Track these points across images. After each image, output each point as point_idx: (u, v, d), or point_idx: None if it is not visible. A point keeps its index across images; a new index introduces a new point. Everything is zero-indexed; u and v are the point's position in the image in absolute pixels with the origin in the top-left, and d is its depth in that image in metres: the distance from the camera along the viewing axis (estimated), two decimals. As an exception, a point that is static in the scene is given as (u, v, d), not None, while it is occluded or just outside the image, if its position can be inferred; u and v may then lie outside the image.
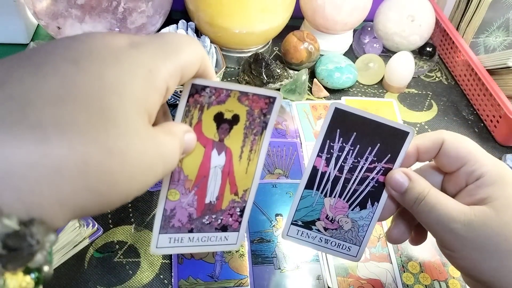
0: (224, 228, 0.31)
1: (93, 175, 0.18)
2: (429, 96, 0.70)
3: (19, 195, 0.16)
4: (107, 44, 0.20)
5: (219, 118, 0.27)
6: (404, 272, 0.46)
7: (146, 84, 0.20)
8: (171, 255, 0.45)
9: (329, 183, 0.33)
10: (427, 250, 0.48)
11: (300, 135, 0.60)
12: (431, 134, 0.33)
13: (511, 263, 0.29)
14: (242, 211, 0.31)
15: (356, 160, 0.32)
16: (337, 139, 0.31)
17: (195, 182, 0.28)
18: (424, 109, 0.68)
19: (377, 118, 0.31)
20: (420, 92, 0.70)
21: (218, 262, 0.45)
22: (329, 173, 0.32)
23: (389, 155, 0.32)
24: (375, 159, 0.32)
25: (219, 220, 0.31)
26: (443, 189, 0.34)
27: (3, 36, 0.65)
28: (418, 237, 0.37)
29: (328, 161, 0.32)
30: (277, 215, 0.49)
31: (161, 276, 0.44)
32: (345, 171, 0.32)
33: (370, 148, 0.32)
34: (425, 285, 0.45)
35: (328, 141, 0.31)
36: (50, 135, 0.17)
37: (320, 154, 0.32)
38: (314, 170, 0.32)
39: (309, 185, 0.33)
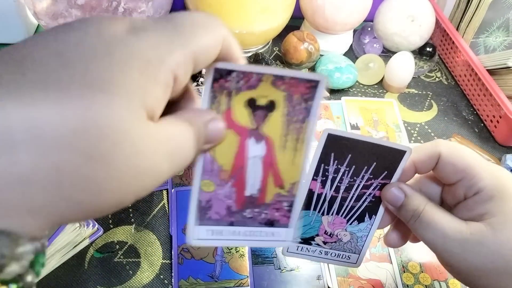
0: (270, 223, 0.28)
1: (68, 184, 0.16)
2: (429, 96, 0.70)
3: None
4: (101, 31, 0.18)
5: (252, 105, 0.25)
6: (404, 272, 0.46)
7: (142, 77, 0.18)
8: (171, 255, 0.45)
9: (326, 203, 0.33)
10: (427, 250, 0.48)
11: (300, 135, 0.60)
12: (427, 147, 0.31)
13: (507, 282, 0.28)
14: (290, 205, 0.28)
15: (352, 180, 0.32)
16: (331, 162, 0.30)
17: (231, 173, 0.26)
18: (424, 109, 0.67)
19: (371, 140, 0.30)
20: (420, 92, 0.70)
21: (218, 262, 0.45)
22: (325, 194, 0.32)
23: (386, 172, 0.31)
24: (372, 176, 0.31)
25: (263, 215, 0.28)
26: (442, 200, 0.34)
27: (3, 36, 0.65)
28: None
29: (323, 183, 0.32)
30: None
31: (161, 276, 0.44)
32: (341, 191, 0.32)
33: (366, 167, 0.31)
34: (425, 285, 0.45)
35: (322, 164, 0.31)
36: (17, 140, 0.15)
37: (315, 177, 0.31)
38: (310, 192, 0.32)
39: (306, 207, 0.33)
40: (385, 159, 0.31)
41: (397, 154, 0.31)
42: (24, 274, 0.16)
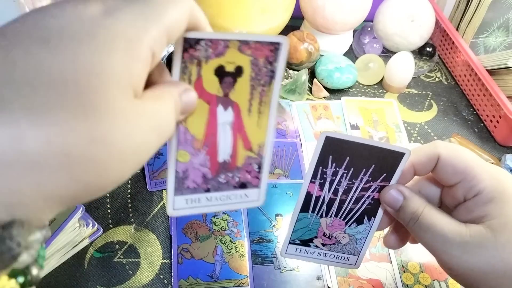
0: (243, 186, 0.29)
1: (76, 167, 0.17)
2: (429, 96, 0.70)
3: None
4: (79, 15, 0.18)
5: (220, 72, 0.25)
6: (404, 272, 0.46)
7: (127, 57, 0.18)
8: (171, 255, 0.45)
9: (324, 205, 0.32)
10: (427, 250, 0.48)
11: (300, 135, 0.60)
12: (426, 148, 0.31)
13: (508, 284, 0.28)
14: (260, 166, 0.29)
15: (350, 182, 0.31)
16: (329, 165, 0.30)
17: (204, 141, 0.27)
18: (424, 109, 0.68)
19: (370, 142, 0.30)
20: (420, 92, 0.70)
21: (218, 262, 0.45)
22: (324, 196, 0.32)
23: (385, 174, 0.31)
24: (370, 179, 0.31)
25: (237, 178, 0.29)
26: (442, 202, 0.33)
27: (3, 36, 0.65)
28: None
29: (322, 186, 0.31)
30: (277, 215, 0.49)
31: (161, 276, 0.44)
32: (339, 193, 0.32)
33: (365, 169, 0.31)
34: (425, 285, 0.45)
35: (320, 167, 0.31)
36: (24, 129, 0.16)
37: (313, 180, 0.31)
38: (308, 195, 0.32)
39: (304, 209, 0.33)
40: (384, 161, 0.31)
41: (396, 156, 0.30)
42: (30, 265, 0.17)
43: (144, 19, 0.19)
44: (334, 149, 0.30)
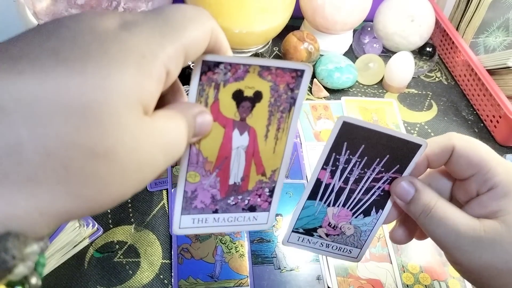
0: (252, 209, 0.29)
1: (75, 181, 0.16)
2: (429, 96, 0.70)
3: None
4: (94, 27, 0.18)
5: (238, 96, 0.25)
6: (404, 272, 0.46)
7: (138, 73, 0.18)
8: (171, 255, 0.45)
9: (333, 193, 0.32)
10: (427, 250, 0.48)
11: (300, 135, 0.60)
12: (440, 140, 0.30)
13: None
14: (271, 191, 0.29)
15: (362, 171, 0.30)
16: (343, 152, 0.29)
17: (216, 163, 0.27)
18: (424, 109, 0.68)
19: (387, 131, 0.29)
20: (420, 92, 0.70)
21: (218, 262, 0.45)
22: (334, 184, 0.31)
23: (398, 165, 0.30)
24: (383, 169, 0.30)
25: (246, 201, 0.29)
26: (453, 196, 0.33)
27: (3, 36, 0.65)
28: (423, 233, 0.35)
29: (333, 173, 0.30)
30: (277, 215, 0.49)
31: (161, 276, 0.44)
32: (350, 182, 0.31)
33: (378, 159, 0.30)
34: (425, 285, 0.45)
35: (334, 153, 0.29)
36: (23, 139, 0.15)
37: (325, 167, 0.30)
38: (318, 182, 0.31)
39: (312, 197, 0.32)
40: (399, 152, 0.30)
41: (412, 148, 0.29)
42: (29, 275, 0.16)
43: (161, 36, 0.19)
44: (349, 136, 0.29)
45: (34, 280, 0.17)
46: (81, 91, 0.16)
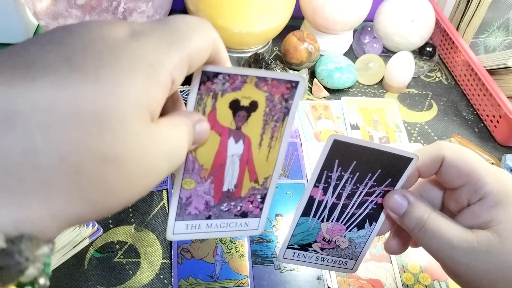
0: (244, 215, 0.30)
1: (86, 185, 0.17)
2: (429, 96, 0.70)
3: (6, 211, 0.16)
4: (104, 36, 0.18)
5: (235, 106, 0.26)
6: (404, 272, 0.46)
7: (147, 81, 0.18)
8: (171, 255, 0.45)
9: (326, 209, 0.32)
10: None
11: (300, 135, 0.60)
12: (430, 150, 0.30)
13: None
14: (263, 197, 0.30)
15: (355, 187, 0.31)
16: (335, 169, 0.30)
17: (211, 171, 0.27)
18: (424, 109, 0.68)
19: (378, 147, 0.29)
20: (420, 92, 0.70)
21: (218, 262, 0.45)
22: (327, 201, 0.31)
23: (390, 179, 0.31)
24: (375, 183, 0.31)
25: (239, 207, 0.30)
26: (444, 206, 0.33)
27: (3, 36, 0.65)
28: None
29: (325, 190, 0.31)
30: (277, 215, 0.50)
31: (161, 276, 0.44)
32: (343, 198, 0.31)
33: (370, 174, 0.30)
34: (425, 285, 0.45)
35: (325, 171, 0.30)
36: (38, 144, 0.16)
37: (317, 184, 0.30)
38: (311, 199, 0.31)
39: (306, 213, 0.32)
40: (390, 166, 0.30)
41: (404, 161, 0.30)
42: (38, 277, 0.17)
43: (168, 45, 0.20)
44: (341, 153, 0.29)
45: (42, 281, 0.17)
46: (94, 97, 0.17)
